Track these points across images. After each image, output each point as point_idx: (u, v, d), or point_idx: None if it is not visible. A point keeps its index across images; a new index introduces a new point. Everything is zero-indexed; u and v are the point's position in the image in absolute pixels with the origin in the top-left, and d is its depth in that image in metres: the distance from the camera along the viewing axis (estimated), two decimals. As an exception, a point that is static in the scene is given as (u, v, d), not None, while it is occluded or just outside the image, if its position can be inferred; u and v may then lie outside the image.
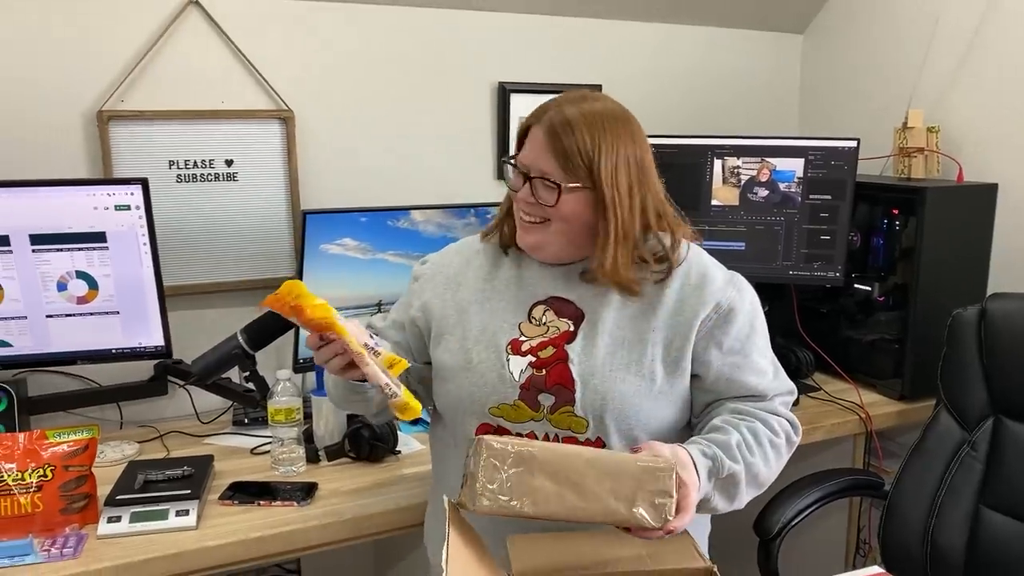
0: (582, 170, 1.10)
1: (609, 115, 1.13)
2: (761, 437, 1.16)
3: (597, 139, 1.10)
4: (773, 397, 1.23)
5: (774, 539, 1.62)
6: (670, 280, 1.18)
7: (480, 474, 0.92)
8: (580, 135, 1.10)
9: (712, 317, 1.17)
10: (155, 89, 1.82)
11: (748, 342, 1.20)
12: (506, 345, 1.19)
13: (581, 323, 1.18)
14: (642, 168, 1.15)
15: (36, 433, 1.39)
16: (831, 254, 2.03)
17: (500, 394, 1.17)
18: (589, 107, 1.13)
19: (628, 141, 1.14)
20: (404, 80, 2.07)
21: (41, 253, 1.59)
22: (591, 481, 0.94)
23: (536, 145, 1.13)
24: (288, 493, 1.51)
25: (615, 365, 1.15)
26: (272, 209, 1.95)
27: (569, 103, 1.14)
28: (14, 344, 1.63)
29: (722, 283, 1.20)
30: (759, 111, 2.55)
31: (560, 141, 1.10)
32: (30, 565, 1.28)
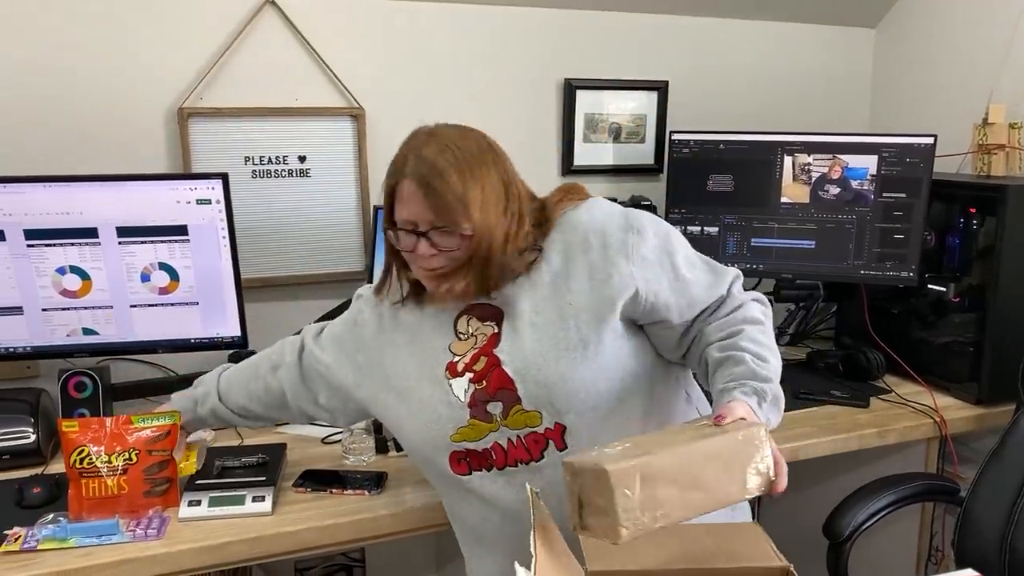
0: (462, 214, 1.10)
1: (467, 151, 1.14)
2: (759, 338, 1.16)
3: (467, 182, 1.11)
4: (730, 293, 1.22)
5: (844, 542, 1.60)
6: (560, 249, 1.18)
7: (617, 507, 0.88)
8: (444, 177, 1.10)
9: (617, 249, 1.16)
10: (232, 87, 1.88)
11: (670, 259, 1.19)
12: (443, 372, 1.20)
13: (502, 322, 1.18)
14: (508, 190, 1.15)
15: (122, 418, 1.45)
16: (904, 253, 1.98)
17: (454, 421, 1.18)
18: (447, 147, 1.13)
19: (490, 169, 1.14)
20: (472, 78, 2.09)
21: (127, 245, 1.65)
22: (709, 475, 0.93)
23: (415, 199, 1.11)
24: (358, 482, 1.54)
25: (544, 350, 1.15)
26: (343, 204, 1.99)
27: (426, 147, 1.13)
28: (100, 332, 1.69)
29: (613, 222, 1.19)
30: (829, 107, 2.50)
31: (430, 186, 1.10)
32: (117, 545, 1.34)
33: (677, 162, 2.11)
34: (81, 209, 1.61)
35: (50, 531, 1.34)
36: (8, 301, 1.64)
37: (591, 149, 2.24)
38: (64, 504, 1.42)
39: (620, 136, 2.26)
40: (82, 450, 1.41)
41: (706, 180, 2.09)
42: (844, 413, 1.88)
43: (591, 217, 1.20)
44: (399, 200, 1.14)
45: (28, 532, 1.34)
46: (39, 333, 1.67)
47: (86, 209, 1.61)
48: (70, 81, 1.77)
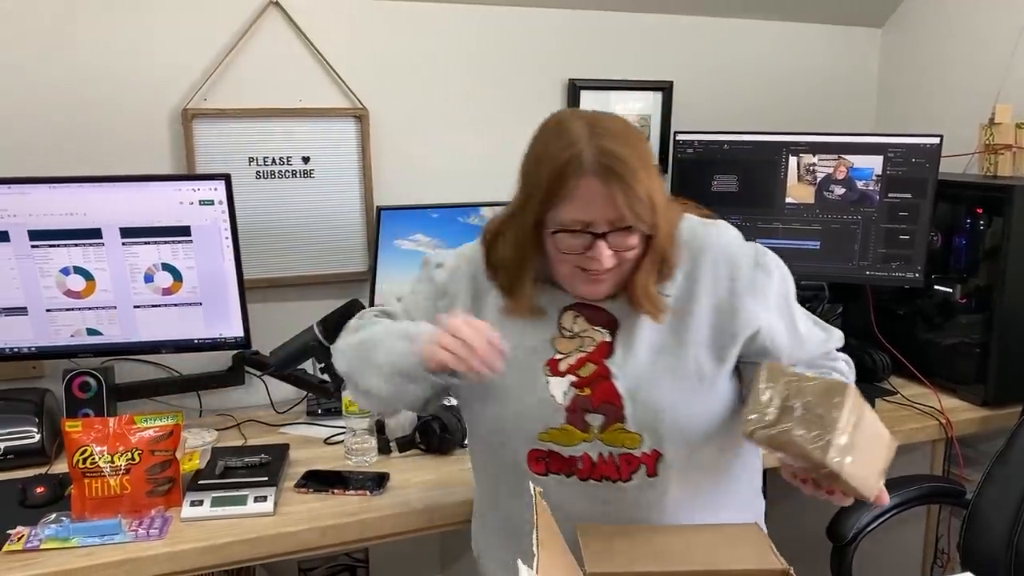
0: (650, 212, 1.04)
1: (635, 134, 1.08)
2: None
3: (652, 178, 1.05)
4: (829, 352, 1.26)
5: (848, 545, 1.59)
6: (685, 269, 1.14)
7: (840, 419, 0.95)
8: (635, 172, 1.02)
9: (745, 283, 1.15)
10: (236, 88, 1.88)
11: (789, 308, 1.19)
12: (543, 366, 1.14)
13: (616, 332, 1.13)
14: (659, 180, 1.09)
15: (125, 418, 1.45)
16: (910, 254, 1.97)
17: (545, 419, 1.13)
18: (625, 139, 1.05)
19: (651, 159, 1.08)
20: (476, 78, 2.09)
21: (130, 246, 1.66)
22: (879, 454, 1.00)
23: (598, 197, 1.02)
24: (361, 482, 1.54)
25: (659, 374, 1.12)
26: (347, 205, 1.99)
27: (599, 136, 1.03)
28: (104, 332, 1.70)
29: (745, 254, 1.17)
30: (834, 108, 2.49)
31: (624, 182, 1.01)
32: (119, 544, 1.34)
33: (681, 162, 2.10)
34: (85, 210, 1.62)
35: (53, 531, 1.35)
36: (13, 302, 1.65)
37: (595, 149, 2.23)
38: (67, 504, 1.43)
39: (624, 136, 2.25)
40: (85, 450, 1.41)
41: (711, 180, 2.08)
42: (849, 415, 1.86)
43: (720, 242, 1.15)
44: (571, 199, 1.03)
45: (31, 532, 1.34)
46: (43, 333, 1.68)
47: (90, 210, 1.62)
48: (74, 82, 1.77)
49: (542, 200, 1.05)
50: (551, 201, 1.05)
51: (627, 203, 1.02)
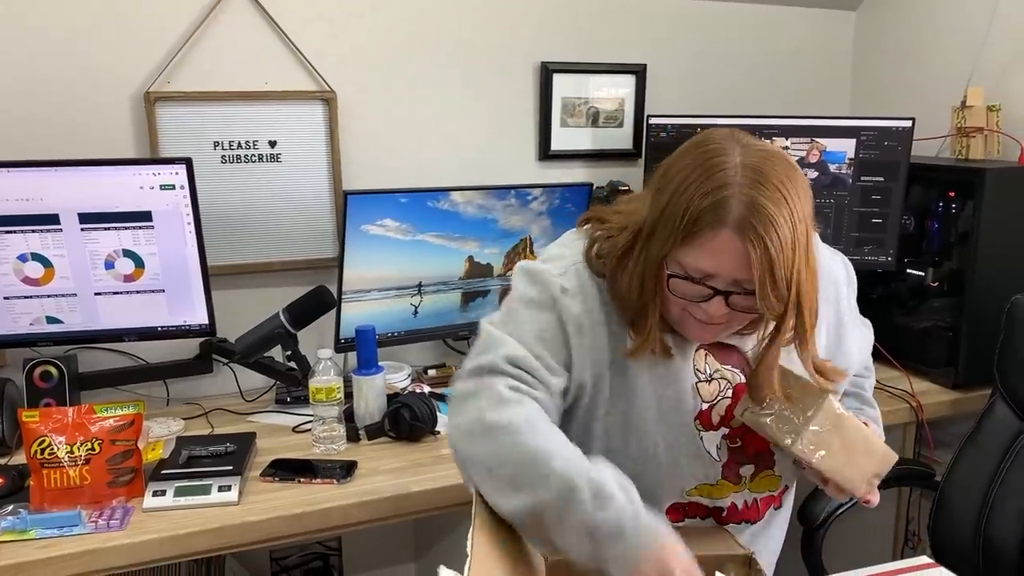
0: (785, 291, 0.90)
1: (798, 186, 0.91)
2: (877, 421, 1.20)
3: (800, 259, 0.90)
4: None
5: (818, 528, 1.59)
6: None
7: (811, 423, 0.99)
8: (783, 242, 0.87)
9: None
10: (201, 71, 1.84)
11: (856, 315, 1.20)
12: (694, 420, 1.04)
13: (747, 367, 1.05)
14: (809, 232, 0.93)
15: (84, 407, 1.43)
16: (883, 238, 1.97)
17: (698, 477, 1.05)
18: (779, 185, 0.89)
19: (808, 220, 0.92)
20: (446, 61, 2.06)
21: (89, 232, 1.62)
22: (860, 453, 1.02)
23: (732, 257, 0.89)
24: (328, 471, 1.52)
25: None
26: (314, 190, 1.96)
27: (755, 185, 0.88)
28: (65, 321, 1.66)
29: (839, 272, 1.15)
30: (809, 90, 2.48)
31: (766, 249, 0.87)
32: (78, 536, 1.32)
33: (655, 146, 2.09)
34: (41, 195, 1.58)
35: (9, 523, 1.32)
36: (-31, 289, 1.61)
37: (568, 134, 2.21)
38: (26, 495, 1.40)
39: (598, 120, 2.23)
40: (43, 440, 1.38)
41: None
42: (821, 398, 1.87)
43: (824, 261, 1.06)
44: (702, 247, 0.91)
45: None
46: (1, 322, 1.64)
47: (47, 195, 1.58)
48: (34, 65, 1.73)
49: (672, 237, 0.92)
50: (680, 240, 0.92)
51: (762, 275, 0.88)
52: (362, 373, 1.69)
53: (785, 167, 0.91)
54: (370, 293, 1.86)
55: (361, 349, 1.70)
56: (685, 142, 1.00)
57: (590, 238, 1.05)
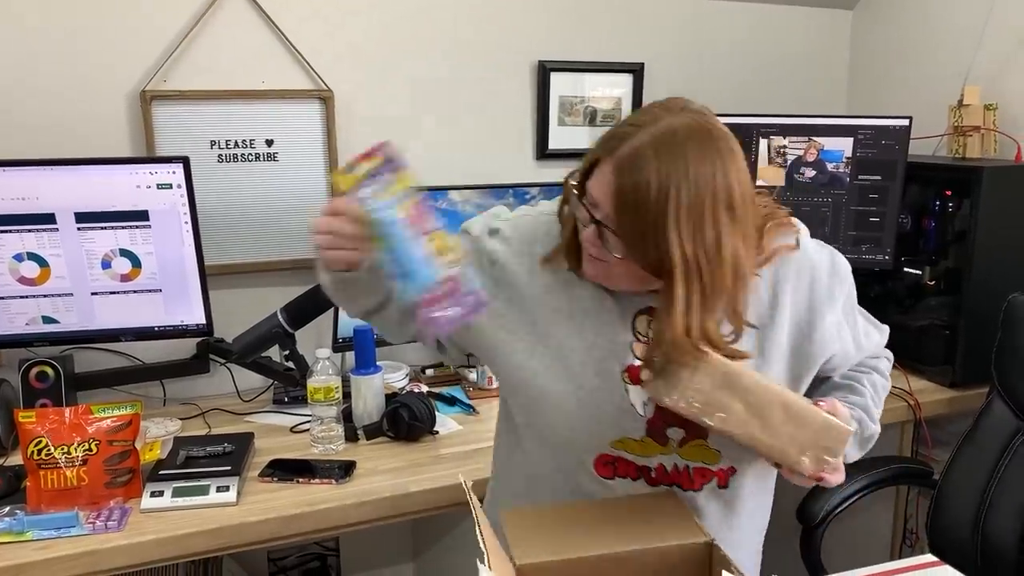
0: (652, 247, 0.92)
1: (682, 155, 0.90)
2: (879, 389, 1.18)
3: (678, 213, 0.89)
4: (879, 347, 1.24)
5: (818, 527, 1.59)
6: (768, 278, 1.05)
7: (687, 381, 0.95)
8: (653, 203, 0.89)
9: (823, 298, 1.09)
10: (197, 69, 1.83)
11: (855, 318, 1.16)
12: (622, 372, 1.05)
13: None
14: (730, 210, 0.92)
15: (81, 408, 1.42)
16: (880, 237, 1.97)
17: (621, 428, 1.06)
18: (663, 145, 0.90)
19: (710, 177, 0.90)
20: (444, 60, 2.06)
21: (86, 231, 1.61)
22: (778, 421, 0.97)
23: (608, 189, 0.93)
24: (327, 471, 1.51)
25: None
26: (312, 189, 1.95)
27: (645, 127, 0.92)
28: (61, 321, 1.66)
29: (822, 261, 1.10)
30: (806, 89, 2.48)
31: (633, 199, 0.90)
32: (76, 537, 1.31)
33: (652, 145, 2.09)
34: (37, 194, 1.57)
35: (6, 524, 1.31)
36: (-36, 289, 1.60)
37: (566, 132, 2.21)
38: (23, 496, 1.39)
39: (595, 119, 2.23)
40: (40, 441, 1.37)
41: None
42: (819, 397, 1.87)
43: (803, 251, 1.07)
44: (596, 173, 0.95)
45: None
46: (-3, 322, 1.63)
47: (42, 194, 1.57)
48: (31, 64, 1.72)
49: (586, 163, 0.98)
50: (587, 165, 0.97)
51: (624, 217, 0.91)
52: (360, 373, 1.69)
53: (705, 139, 0.92)
54: (368, 292, 1.85)
55: (359, 349, 1.70)
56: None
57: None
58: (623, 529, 0.98)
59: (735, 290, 0.95)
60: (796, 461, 0.98)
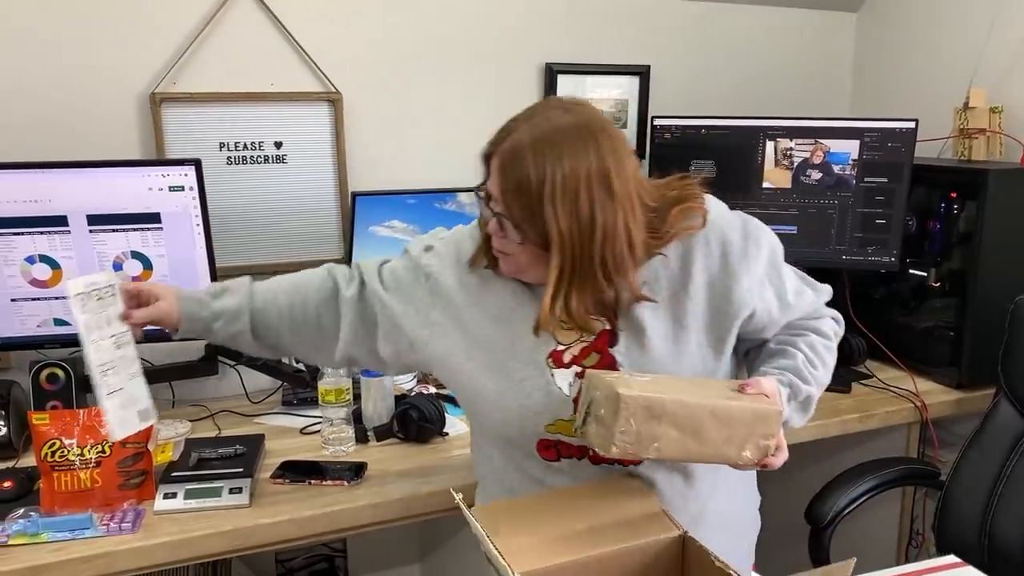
0: (537, 226, 1.02)
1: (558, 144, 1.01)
2: (818, 348, 1.18)
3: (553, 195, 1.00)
4: (821, 307, 1.24)
5: (826, 528, 1.60)
6: (677, 250, 1.11)
7: (617, 428, 0.95)
8: (529, 185, 1.00)
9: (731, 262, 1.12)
10: (206, 72, 1.84)
11: (780, 278, 1.17)
12: (546, 358, 1.12)
13: (615, 318, 1.11)
14: (607, 190, 1.01)
15: (94, 410, 1.41)
16: (886, 238, 1.98)
17: (552, 411, 1.11)
18: (539, 134, 1.01)
19: (584, 162, 1.01)
20: (452, 62, 2.06)
21: (98, 233, 1.61)
22: (710, 431, 0.98)
23: (494, 180, 1.05)
24: (338, 472, 1.52)
25: (666, 361, 1.11)
26: (320, 191, 1.96)
27: (527, 121, 1.04)
28: (72, 323, 1.65)
29: (733, 228, 1.13)
30: (810, 92, 2.49)
31: (511, 191, 1.02)
32: (90, 539, 1.31)
33: (659, 147, 2.10)
34: (50, 197, 1.57)
35: (21, 526, 1.31)
36: (-24, 291, 1.60)
37: (572, 135, 2.21)
38: (36, 498, 1.39)
39: (601, 121, 2.24)
40: (53, 443, 1.38)
41: (688, 165, 2.07)
42: (826, 398, 1.84)
43: (710, 217, 1.12)
44: (490, 170, 1.07)
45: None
46: (8, 324, 1.63)
47: (55, 196, 1.57)
48: (41, 67, 1.72)
49: (484, 165, 1.09)
50: (487, 168, 1.08)
51: (508, 201, 1.03)
52: (370, 374, 1.69)
53: (580, 128, 1.02)
54: (377, 294, 1.86)
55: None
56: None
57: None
58: (597, 525, 1.00)
59: (617, 261, 1.03)
60: (738, 458, 1.00)
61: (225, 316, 1.24)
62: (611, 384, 0.97)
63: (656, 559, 0.98)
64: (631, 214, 1.04)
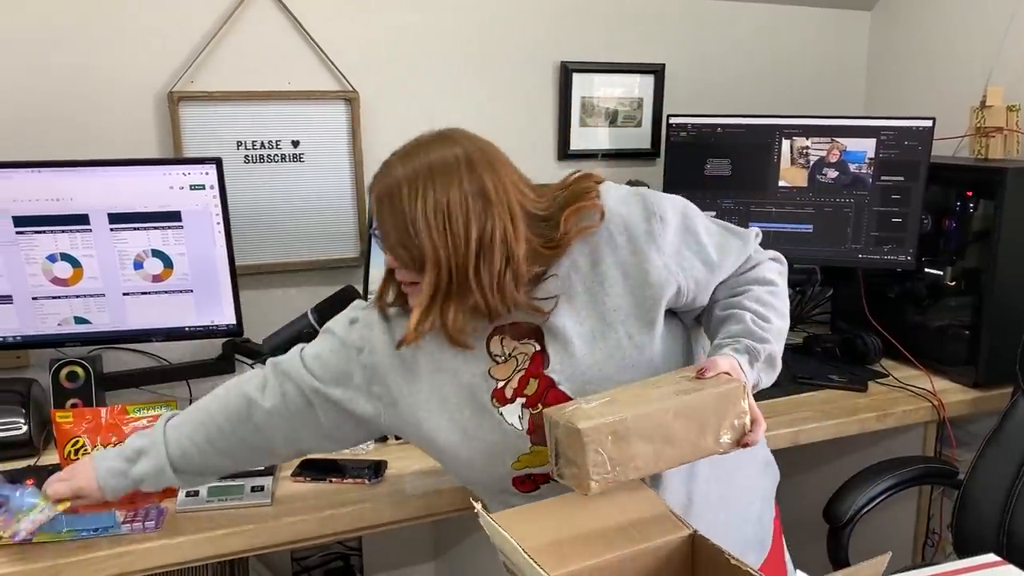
0: (412, 247, 1.03)
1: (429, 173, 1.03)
2: (765, 299, 1.13)
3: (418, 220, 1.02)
4: (748, 258, 1.18)
5: (844, 527, 1.60)
6: (584, 251, 1.10)
7: (587, 463, 0.92)
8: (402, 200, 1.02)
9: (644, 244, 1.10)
10: (223, 70, 1.84)
11: (696, 239, 1.13)
12: (489, 400, 1.11)
13: (543, 338, 1.10)
14: (484, 202, 1.02)
15: (117, 408, 1.42)
16: (902, 237, 1.98)
17: (513, 450, 1.11)
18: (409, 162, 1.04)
19: (456, 182, 1.02)
20: (467, 61, 2.06)
21: (118, 232, 1.62)
22: (680, 431, 0.96)
23: (377, 215, 1.07)
24: (358, 471, 1.52)
25: (600, 362, 1.09)
26: (337, 190, 1.96)
27: (396, 161, 1.06)
28: (93, 321, 1.66)
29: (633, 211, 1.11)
30: (824, 90, 2.49)
31: (384, 219, 1.05)
32: (114, 536, 1.32)
33: (674, 146, 2.09)
34: (71, 195, 1.57)
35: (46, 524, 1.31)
36: (-3, 290, 1.61)
37: (587, 133, 2.21)
38: (59, 496, 1.39)
39: (616, 120, 2.24)
40: (76, 441, 1.38)
41: (704, 164, 2.07)
42: (843, 397, 1.88)
43: (607, 207, 1.10)
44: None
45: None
46: (29, 322, 1.64)
47: (76, 195, 1.58)
48: (58, 65, 1.72)
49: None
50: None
51: (386, 233, 1.05)
52: (389, 373, 1.69)
53: (446, 148, 1.05)
54: (394, 293, 1.86)
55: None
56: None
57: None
58: (608, 529, 0.98)
59: (493, 273, 1.03)
60: (717, 447, 0.99)
61: (148, 478, 1.22)
62: (569, 419, 0.93)
63: (668, 560, 0.97)
64: (510, 225, 1.03)
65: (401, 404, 1.15)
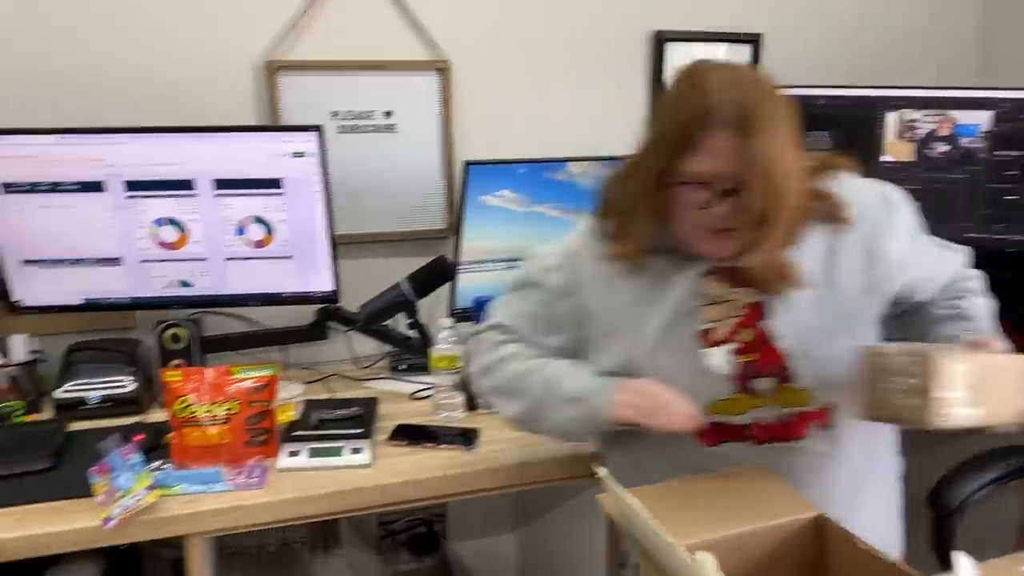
0: (768, 170, 0.99)
1: (775, 92, 1.03)
2: (982, 303, 1.21)
3: (780, 137, 1.00)
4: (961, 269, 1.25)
5: (953, 514, 1.53)
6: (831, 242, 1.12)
7: (944, 392, 0.94)
8: (767, 135, 0.98)
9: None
10: (320, 40, 1.86)
11: (921, 237, 1.19)
12: (691, 339, 1.10)
13: (765, 292, 1.10)
14: (797, 148, 1.03)
15: (222, 369, 1.46)
16: (1016, 216, 1.88)
17: (712, 392, 1.10)
18: (758, 88, 1.01)
19: (788, 120, 1.03)
20: (560, 30, 2.03)
21: (223, 198, 1.65)
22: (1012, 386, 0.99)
23: (725, 152, 0.98)
24: (451, 437, 1.53)
25: (827, 326, 1.09)
26: (428, 161, 1.96)
27: (737, 88, 0.99)
28: (195, 284, 1.71)
29: (872, 198, 1.15)
30: (930, 60, 2.37)
31: (751, 138, 0.97)
32: (220, 493, 1.36)
33: (772, 118, 2.02)
34: (180, 160, 1.61)
35: (158, 478, 1.36)
36: (108, 252, 1.66)
37: (680, 105, 2.16)
38: (166, 452, 1.44)
39: (710, 91, 2.18)
40: (184, 399, 1.43)
41: (802, 137, 2.00)
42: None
43: (848, 192, 1.12)
44: (699, 151, 0.99)
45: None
46: (137, 284, 1.69)
47: (184, 160, 1.62)
48: (162, 35, 1.77)
49: (669, 149, 1.01)
50: (678, 151, 1.00)
51: (748, 160, 0.97)
52: (480, 343, 1.69)
53: (755, 72, 1.05)
54: (484, 264, 1.86)
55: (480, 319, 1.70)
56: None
57: (602, 188, 1.19)
58: (727, 509, 0.99)
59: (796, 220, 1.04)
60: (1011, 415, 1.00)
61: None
62: (926, 351, 0.95)
63: (791, 539, 0.97)
64: (801, 184, 1.04)
65: (615, 341, 1.16)
